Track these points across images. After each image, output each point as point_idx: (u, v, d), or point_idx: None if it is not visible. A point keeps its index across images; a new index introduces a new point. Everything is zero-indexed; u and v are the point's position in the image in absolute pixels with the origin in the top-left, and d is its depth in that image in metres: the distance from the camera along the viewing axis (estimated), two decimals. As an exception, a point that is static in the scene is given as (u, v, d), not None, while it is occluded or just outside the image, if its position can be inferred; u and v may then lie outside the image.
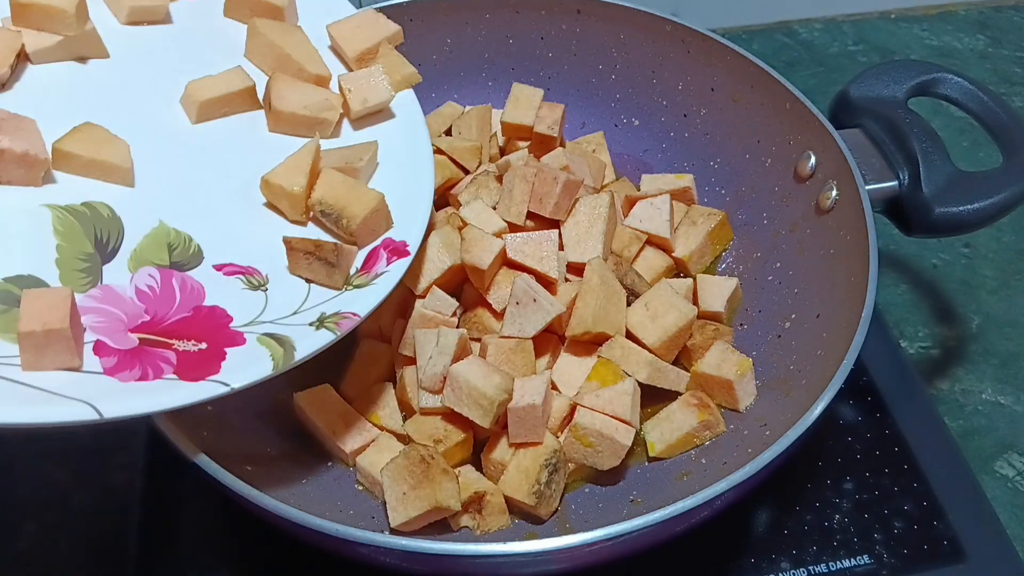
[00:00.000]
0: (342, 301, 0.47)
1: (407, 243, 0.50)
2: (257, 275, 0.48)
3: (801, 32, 0.99)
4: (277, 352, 0.43)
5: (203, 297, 0.46)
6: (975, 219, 0.55)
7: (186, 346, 0.43)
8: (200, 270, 0.47)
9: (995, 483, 0.62)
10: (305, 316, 0.46)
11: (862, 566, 0.54)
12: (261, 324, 0.46)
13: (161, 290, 0.46)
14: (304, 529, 0.42)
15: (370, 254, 0.50)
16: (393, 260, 0.49)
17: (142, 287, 0.46)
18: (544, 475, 0.50)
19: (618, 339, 0.54)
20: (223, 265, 0.48)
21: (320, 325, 0.45)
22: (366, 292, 0.47)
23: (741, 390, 0.54)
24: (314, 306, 0.47)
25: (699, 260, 0.62)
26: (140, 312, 0.44)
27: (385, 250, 0.50)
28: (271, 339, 0.44)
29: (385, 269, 0.49)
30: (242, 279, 0.48)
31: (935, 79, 0.61)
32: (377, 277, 0.48)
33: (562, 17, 0.69)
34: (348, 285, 0.48)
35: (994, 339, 0.70)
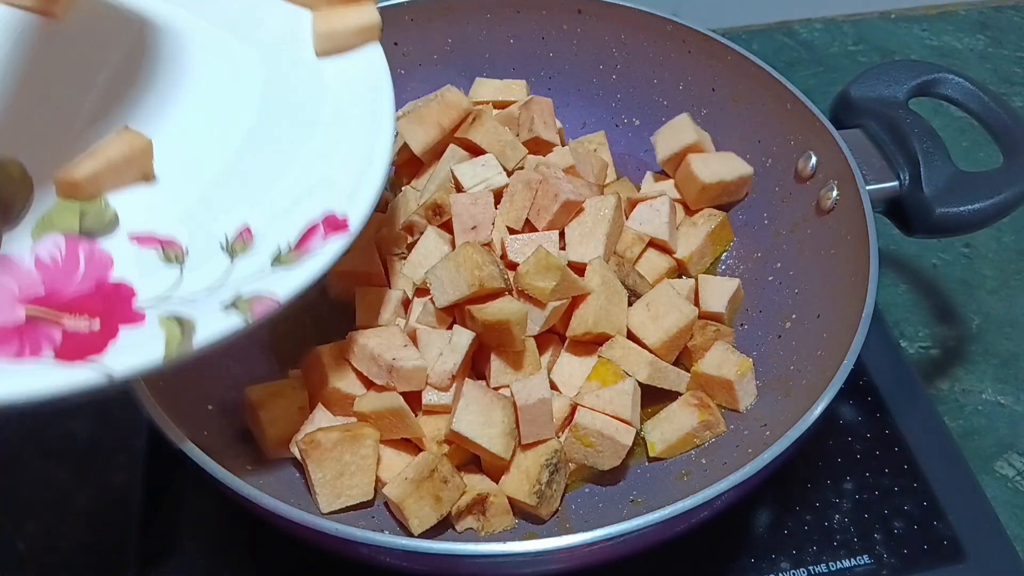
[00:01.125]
0: (264, 281, 0.42)
1: (348, 218, 0.45)
2: (176, 247, 0.44)
3: (801, 32, 0.99)
4: (173, 337, 0.39)
5: (110, 269, 0.42)
6: (976, 219, 0.55)
7: (77, 323, 0.40)
8: (112, 239, 0.44)
9: (995, 483, 0.62)
10: (219, 295, 0.42)
11: (862, 566, 0.54)
12: (167, 301, 0.41)
13: (64, 261, 0.42)
14: (304, 529, 0.42)
15: (309, 230, 0.45)
16: (331, 237, 0.44)
17: (43, 257, 0.42)
18: (545, 475, 0.50)
19: (618, 339, 0.54)
20: (139, 235, 0.44)
21: (232, 307, 0.41)
22: (292, 273, 0.43)
23: (741, 390, 0.54)
24: (232, 284, 0.42)
25: (700, 261, 0.62)
26: (36, 284, 0.41)
27: (324, 226, 0.45)
28: (173, 321, 0.40)
29: (319, 249, 0.44)
30: (158, 251, 0.44)
31: (936, 79, 0.61)
32: (309, 257, 0.43)
33: (563, 17, 0.69)
34: (276, 264, 0.43)
35: (994, 339, 0.70)
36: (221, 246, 0.44)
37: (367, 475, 0.50)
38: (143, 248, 0.43)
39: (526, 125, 0.62)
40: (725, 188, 0.62)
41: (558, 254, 0.54)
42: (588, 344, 0.55)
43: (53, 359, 0.37)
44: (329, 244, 0.44)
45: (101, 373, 0.37)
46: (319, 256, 0.43)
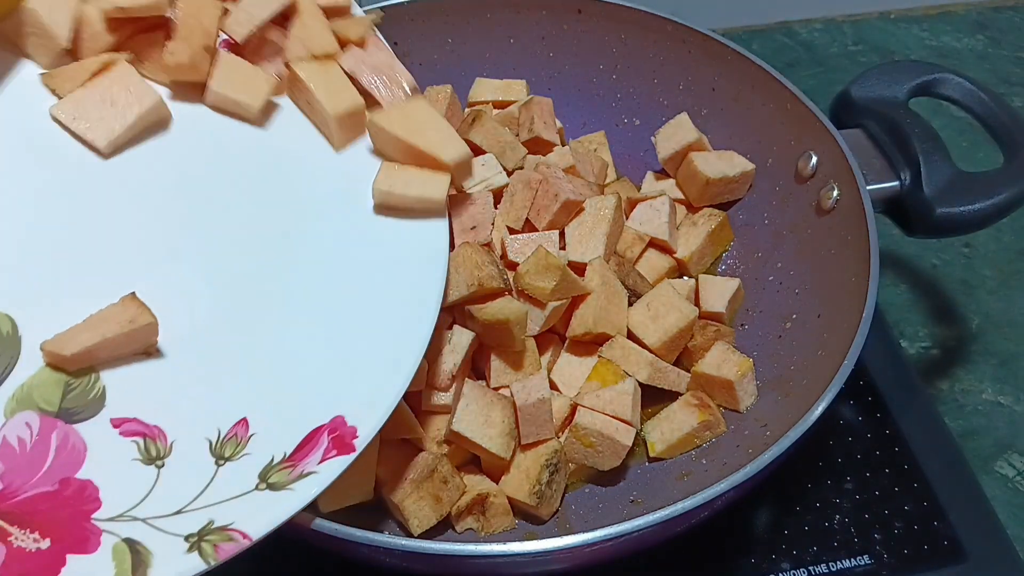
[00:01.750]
0: (243, 507, 0.37)
1: (357, 432, 0.40)
2: (160, 441, 0.39)
3: (801, 32, 0.99)
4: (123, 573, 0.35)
5: (80, 464, 0.37)
6: (976, 219, 0.55)
7: (25, 540, 0.35)
8: (92, 423, 0.38)
9: (995, 483, 0.62)
10: (188, 520, 0.37)
11: (862, 566, 0.54)
12: (130, 522, 0.36)
13: (32, 447, 0.37)
14: (305, 529, 0.42)
15: (309, 436, 0.40)
16: (331, 455, 0.39)
17: (11, 439, 0.37)
18: (545, 475, 0.50)
19: (618, 339, 0.54)
20: (123, 420, 0.39)
21: (197, 543, 0.36)
22: (275, 500, 0.38)
23: (741, 390, 0.54)
24: (207, 505, 0.37)
25: (700, 261, 0.62)
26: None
27: (329, 436, 0.40)
28: (128, 549, 0.35)
29: (314, 469, 0.39)
30: (139, 444, 0.38)
31: (936, 79, 0.61)
32: (300, 479, 0.39)
33: (563, 17, 0.69)
34: (262, 482, 0.38)
35: (994, 339, 0.70)
36: (210, 445, 0.39)
37: (367, 475, 0.50)
38: (123, 438, 0.38)
39: (526, 125, 0.62)
40: (728, 184, 0.62)
41: (558, 254, 0.54)
42: (588, 344, 0.55)
43: None
44: (326, 465, 0.39)
45: None
46: (310, 480, 0.39)
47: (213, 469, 0.39)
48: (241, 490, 0.38)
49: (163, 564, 0.35)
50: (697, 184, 0.62)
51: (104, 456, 0.38)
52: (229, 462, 0.39)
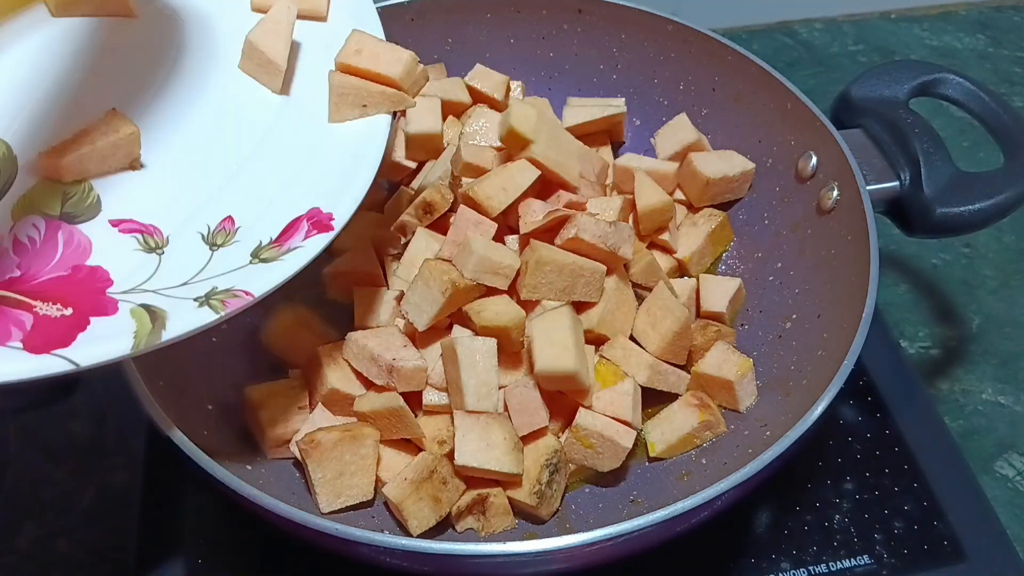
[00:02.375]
0: (241, 275, 0.43)
1: (333, 216, 0.45)
2: (156, 235, 0.44)
3: (801, 32, 0.99)
4: (144, 328, 0.39)
5: (87, 255, 0.42)
6: (976, 220, 0.55)
7: (48, 309, 0.39)
8: (93, 224, 0.43)
9: (995, 483, 0.62)
10: (194, 288, 0.42)
11: (862, 566, 0.54)
12: (141, 292, 0.41)
13: (42, 243, 0.42)
14: (304, 529, 0.42)
15: (290, 225, 0.45)
16: (312, 234, 0.44)
17: (21, 238, 0.42)
18: (545, 475, 0.50)
19: (619, 339, 0.54)
20: (120, 221, 0.44)
21: (205, 301, 0.41)
22: (269, 268, 0.43)
23: (741, 390, 0.54)
24: (209, 277, 0.43)
25: (700, 261, 0.62)
26: (11, 266, 0.41)
27: (308, 222, 0.45)
28: (145, 311, 0.40)
29: (299, 244, 0.44)
30: (138, 238, 0.44)
31: (936, 79, 0.61)
32: (288, 252, 0.44)
33: (563, 17, 0.69)
34: (255, 258, 0.44)
35: (994, 339, 0.70)
36: (202, 236, 0.45)
37: (367, 475, 0.50)
38: (123, 235, 0.43)
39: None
40: (728, 184, 0.62)
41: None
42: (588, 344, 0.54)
43: (21, 348, 0.37)
44: (310, 241, 0.44)
45: (67, 363, 0.37)
46: (298, 252, 0.43)
47: (208, 253, 0.44)
48: (237, 265, 0.43)
49: (178, 318, 0.40)
50: (697, 184, 0.62)
51: (108, 248, 0.43)
52: (222, 248, 0.44)
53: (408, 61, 0.50)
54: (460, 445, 0.48)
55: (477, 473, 0.49)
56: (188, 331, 0.40)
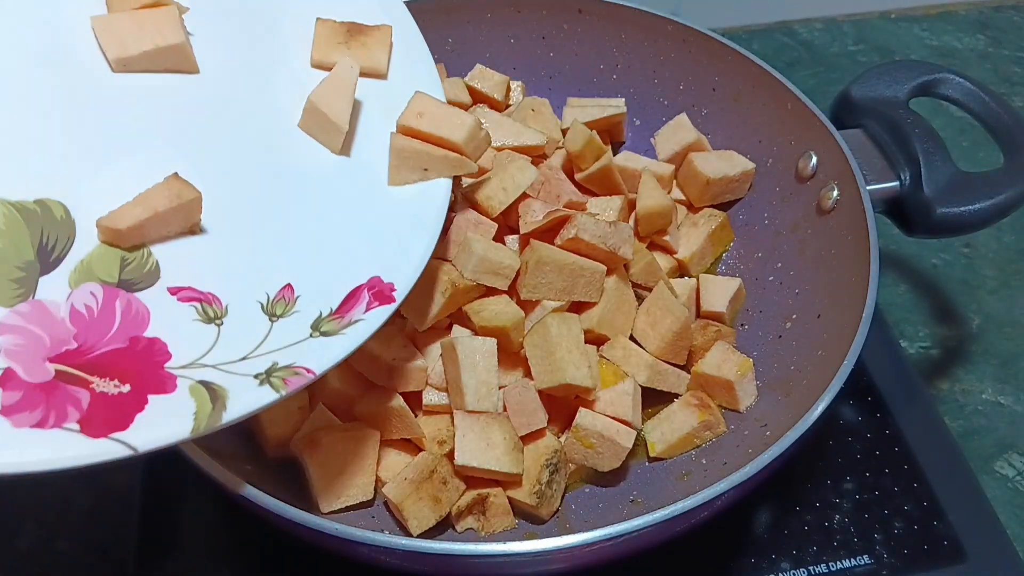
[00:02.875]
0: (301, 350, 0.41)
1: (395, 286, 0.44)
2: (215, 304, 0.42)
3: (801, 32, 0.98)
4: (204, 408, 0.38)
5: (145, 325, 0.40)
6: (976, 220, 0.55)
7: (106, 386, 0.38)
8: (151, 292, 0.42)
9: (995, 483, 0.62)
10: (254, 364, 0.40)
11: (862, 566, 0.54)
12: (200, 368, 0.40)
13: (100, 312, 0.40)
14: (304, 529, 0.42)
15: (350, 294, 0.44)
16: (374, 306, 0.43)
17: (79, 307, 0.40)
18: (545, 475, 0.50)
19: (619, 339, 0.54)
20: (179, 288, 0.42)
21: (266, 379, 0.39)
22: (331, 343, 0.41)
23: (742, 390, 0.54)
24: (269, 352, 0.41)
25: (700, 261, 0.62)
26: (68, 337, 0.39)
27: (369, 292, 0.44)
28: (204, 389, 0.39)
29: (361, 316, 0.43)
30: (196, 308, 0.42)
31: (936, 79, 0.61)
32: (349, 326, 0.42)
33: (563, 17, 0.69)
34: (315, 331, 0.42)
35: (994, 339, 0.70)
36: (261, 306, 0.43)
37: (367, 475, 0.50)
38: (181, 303, 0.42)
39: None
40: (728, 184, 0.62)
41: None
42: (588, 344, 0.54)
43: (78, 431, 0.36)
44: (372, 314, 0.43)
45: (125, 447, 0.36)
46: (360, 326, 0.42)
47: (268, 325, 0.42)
48: (297, 338, 0.42)
49: (238, 397, 0.38)
50: (697, 184, 0.62)
51: (166, 318, 0.41)
52: (281, 319, 0.43)
53: (471, 126, 0.48)
54: (460, 445, 0.48)
55: (477, 473, 0.49)
56: (250, 412, 0.38)
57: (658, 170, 0.62)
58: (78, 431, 0.36)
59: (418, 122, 0.49)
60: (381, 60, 0.53)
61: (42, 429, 0.35)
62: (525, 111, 0.63)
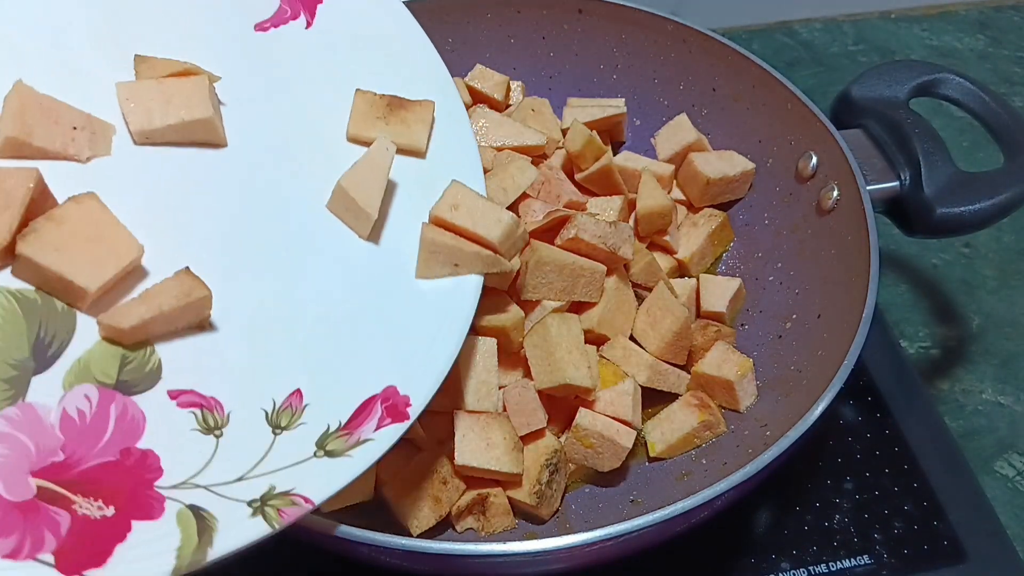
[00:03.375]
0: (303, 472, 0.38)
1: (410, 401, 0.41)
2: (217, 411, 0.39)
3: (801, 32, 0.98)
4: (189, 543, 0.35)
5: (139, 435, 0.38)
6: (976, 220, 0.55)
7: (89, 508, 0.35)
8: (150, 395, 0.39)
9: (995, 483, 0.62)
10: (250, 487, 0.37)
11: (862, 566, 0.54)
12: (192, 489, 0.37)
13: (92, 418, 0.37)
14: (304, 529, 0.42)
15: (362, 406, 0.40)
16: (385, 423, 0.40)
17: (71, 411, 0.37)
18: (545, 475, 0.50)
19: (619, 339, 0.54)
20: (180, 392, 0.39)
21: (260, 508, 0.36)
22: (335, 466, 0.38)
23: (742, 390, 0.54)
24: (267, 472, 0.38)
25: (700, 261, 0.62)
26: (56, 447, 0.36)
27: (382, 405, 0.41)
28: (192, 515, 0.36)
29: (370, 436, 0.39)
30: (196, 415, 0.39)
31: (937, 79, 0.61)
32: (357, 446, 0.39)
33: (563, 17, 0.69)
34: (320, 449, 0.39)
35: (994, 339, 0.70)
36: (266, 415, 0.40)
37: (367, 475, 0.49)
38: (181, 409, 0.39)
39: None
40: (728, 184, 0.62)
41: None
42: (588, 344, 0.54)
43: (52, 566, 0.33)
44: (382, 433, 0.40)
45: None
46: (368, 448, 0.39)
47: (271, 438, 0.39)
48: (300, 457, 0.39)
49: (228, 529, 0.36)
50: (698, 184, 0.62)
51: (163, 427, 0.38)
52: (286, 431, 0.40)
53: (508, 224, 0.45)
54: (460, 445, 0.48)
55: (477, 473, 0.49)
56: (237, 548, 0.35)
57: (658, 170, 0.62)
58: (52, 564, 0.33)
59: (452, 215, 0.46)
60: (421, 139, 0.50)
61: (14, 560, 0.33)
62: (525, 111, 0.63)
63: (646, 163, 0.63)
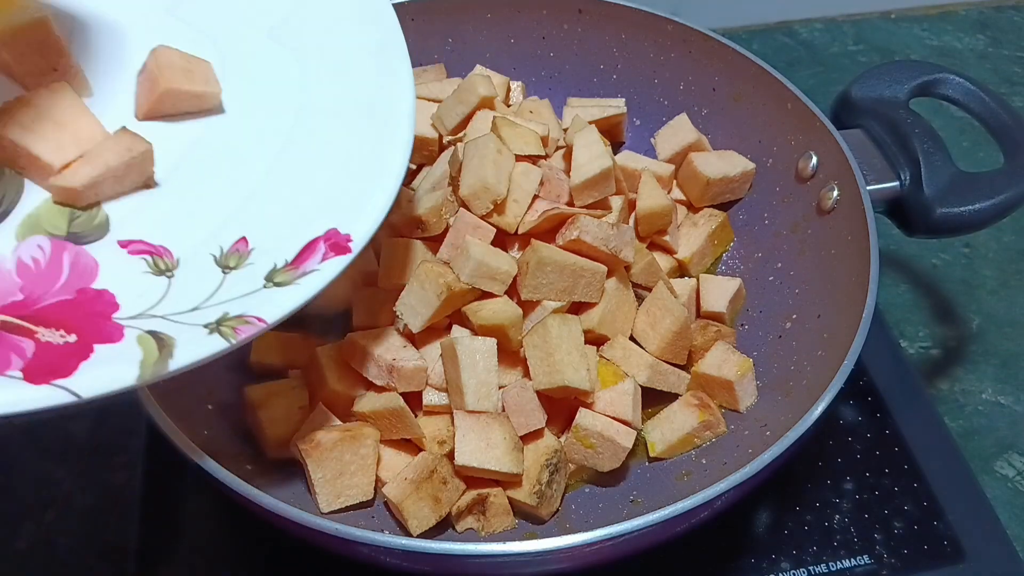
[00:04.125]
0: (254, 300, 0.40)
1: (351, 238, 0.43)
2: (167, 257, 0.42)
3: (801, 32, 0.99)
4: (150, 356, 0.37)
5: (94, 278, 0.40)
6: (976, 220, 0.55)
7: (51, 336, 0.37)
8: (100, 245, 0.41)
9: (995, 483, 0.62)
10: (204, 314, 0.40)
11: (862, 566, 0.54)
12: (149, 318, 0.39)
13: (47, 265, 0.40)
14: (304, 529, 0.42)
15: (306, 246, 0.43)
16: (329, 257, 0.42)
17: (25, 259, 0.40)
18: (545, 475, 0.50)
19: (619, 339, 0.54)
20: (129, 242, 0.42)
21: (216, 328, 0.39)
22: (284, 292, 0.41)
23: (741, 390, 0.54)
24: (220, 302, 0.40)
25: (700, 261, 0.62)
26: (15, 289, 0.39)
27: (325, 243, 0.43)
28: (152, 338, 0.38)
29: (316, 267, 0.42)
30: (147, 260, 0.41)
31: (937, 79, 0.61)
32: (304, 276, 0.41)
33: (563, 17, 0.69)
34: (269, 282, 0.41)
35: (994, 339, 0.70)
36: (214, 258, 0.42)
37: (367, 475, 0.50)
38: (132, 256, 0.41)
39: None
40: (728, 184, 0.62)
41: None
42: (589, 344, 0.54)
43: (20, 378, 0.36)
44: (327, 264, 0.42)
45: (68, 394, 0.36)
46: (314, 276, 0.41)
47: (221, 276, 0.41)
48: (251, 289, 0.41)
49: (186, 346, 0.38)
50: (698, 184, 0.62)
51: (115, 271, 0.41)
52: (235, 271, 0.42)
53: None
54: (460, 445, 0.48)
55: (477, 473, 0.49)
56: (197, 360, 0.38)
57: (658, 170, 0.62)
58: (21, 378, 0.35)
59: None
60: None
61: None
62: (525, 111, 0.63)
63: (646, 163, 0.63)
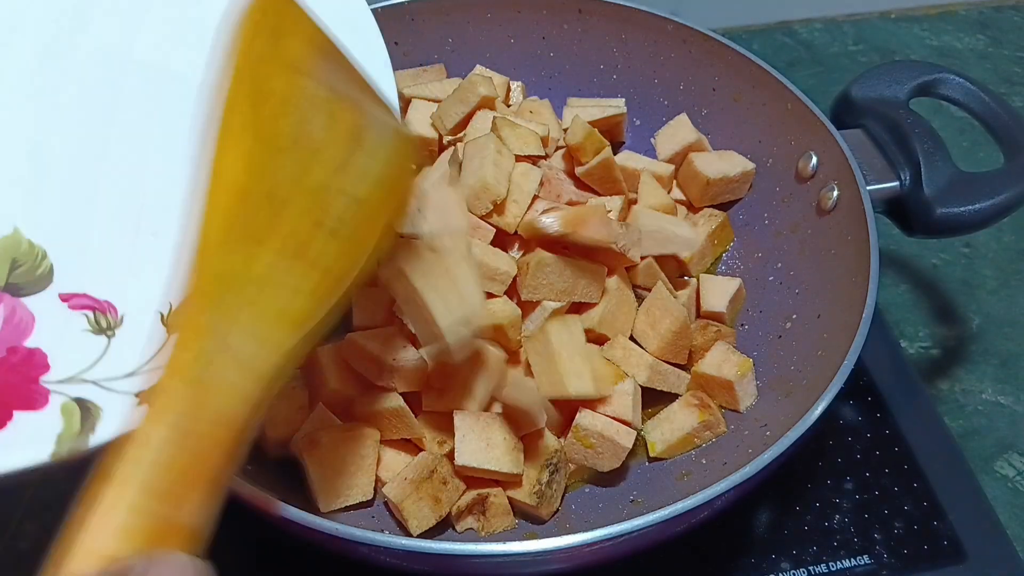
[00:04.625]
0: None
1: None
2: (109, 313, 0.39)
3: (801, 32, 0.98)
4: (70, 429, 0.35)
5: (28, 334, 0.38)
6: (976, 220, 0.55)
7: None
8: (40, 297, 0.39)
9: (995, 483, 0.62)
10: (140, 380, 0.38)
11: (862, 566, 0.54)
12: (80, 383, 0.37)
13: None
14: (304, 529, 0.42)
15: None
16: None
17: None
18: (545, 475, 0.50)
19: (619, 339, 0.54)
20: (72, 295, 0.39)
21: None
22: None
23: (742, 390, 0.54)
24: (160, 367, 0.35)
25: (700, 261, 0.62)
26: None
27: None
28: (77, 406, 0.36)
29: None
30: (88, 316, 0.39)
31: (937, 79, 0.61)
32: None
33: (564, 17, 0.69)
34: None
35: (994, 339, 0.70)
36: (162, 317, 0.40)
37: (367, 475, 0.50)
38: (72, 311, 0.39)
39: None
40: (728, 184, 0.62)
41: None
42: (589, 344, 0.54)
43: None
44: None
45: None
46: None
47: (165, 336, 0.39)
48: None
49: (112, 418, 0.36)
50: (698, 184, 0.62)
51: (53, 327, 0.38)
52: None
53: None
54: (460, 445, 0.48)
55: (477, 473, 0.49)
56: (119, 435, 0.35)
57: (658, 170, 0.62)
58: None
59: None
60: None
61: None
62: (525, 112, 0.63)
63: (646, 163, 0.63)
